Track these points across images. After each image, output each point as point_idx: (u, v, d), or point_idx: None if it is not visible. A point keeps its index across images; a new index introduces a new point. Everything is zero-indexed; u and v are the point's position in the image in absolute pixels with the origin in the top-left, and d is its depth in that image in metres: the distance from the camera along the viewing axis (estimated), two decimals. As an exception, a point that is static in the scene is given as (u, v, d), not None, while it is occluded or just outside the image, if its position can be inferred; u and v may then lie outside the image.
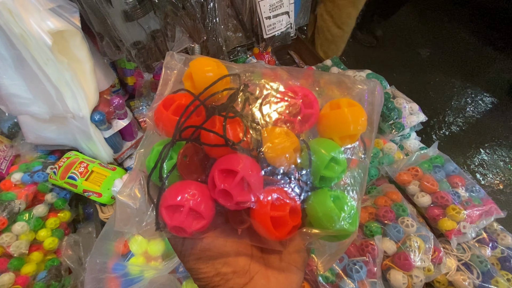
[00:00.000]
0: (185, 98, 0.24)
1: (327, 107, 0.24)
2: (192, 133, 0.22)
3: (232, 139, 0.21)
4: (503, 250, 0.61)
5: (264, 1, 0.81)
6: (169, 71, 0.26)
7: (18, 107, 0.66)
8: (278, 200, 0.20)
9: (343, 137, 0.23)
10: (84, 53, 0.64)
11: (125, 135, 0.82)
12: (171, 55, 0.26)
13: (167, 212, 0.20)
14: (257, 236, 0.22)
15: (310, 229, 0.21)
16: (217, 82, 0.23)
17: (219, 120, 0.22)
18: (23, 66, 0.59)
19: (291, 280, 0.23)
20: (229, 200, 0.20)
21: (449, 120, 1.72)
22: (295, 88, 0.25)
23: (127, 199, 0.22)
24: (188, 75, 0.25)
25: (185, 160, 0.22)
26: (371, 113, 0.24)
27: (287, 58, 1.24)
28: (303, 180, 0.22)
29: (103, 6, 0.56)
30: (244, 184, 0.20)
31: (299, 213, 0.22)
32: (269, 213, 0.20)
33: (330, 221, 0.20)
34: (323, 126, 0.24)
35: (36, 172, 0.73)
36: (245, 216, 0.22)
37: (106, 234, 0.53)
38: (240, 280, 0.21)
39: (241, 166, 0.20)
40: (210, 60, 0.25)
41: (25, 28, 0.53)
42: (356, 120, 0.23)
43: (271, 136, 0.21)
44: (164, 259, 0.53)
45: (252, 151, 0.21)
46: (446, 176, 0.68)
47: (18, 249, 0.64)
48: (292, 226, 0.21)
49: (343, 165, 0.23)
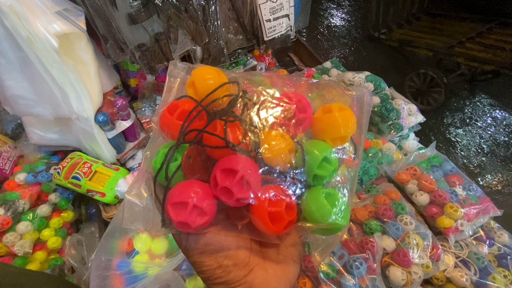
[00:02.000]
0: (188, 104, 0.25)
1: (319, 111, 0.26)
2: (195, 136, 0.24)
3: (232, 141, 0.23)
4: (500, 247, 0.62)
5: (265, 4, 0.82)
6: (172, 79, 0.28)
7: (23, 108, 0.67)
8: (275, 197, 0.22)
9: (335, 139, 0.25)
10: (89, 55, 0.65)
11: (128, 136, 0.83)
12: (174, 64, 0.28)
13: (172, 209, 0.22)
14: (256, 230, 0.24)
15: (304, 224, 0.23)
16: (218, 89, 0.25)
17: (220, 124, 0.23)
18: (28, 68, 0.60)
19: (288, 271, 0.24)
20: (230, 197, 0.21)
21: (447, 122, 1.74)
22: (290, 94, 0.27)
23: (135, 198, 0.24)
24: (190, 82, 0.26)
25: (189, 161, 0.24)
26: (360, 117, 0.26)
27: (287, 60, 1.25)
28: (297, 178, 0.23)
29: (109, 10, 0.57)
30: (244, 182, 0.21)
31: (295, 209, 0.23)
32: (266, 209, 0.22)
33: (323, 216, 0.22)
34: (316, 128, 0.26)
35: (39, 172, 0.74)
36: (245, 212, 0.23)
37: (111, 233, 0.54)
38: (240, 272, 0.23)
39: (240, 166, 0.21)
40: (211, 68, 0.26)
41: (32, 31, 0.54)
42: (346, 123, 0.24)
43: (268, 138, 0.23)
44: (167, 257, 0.54)
45: (251, 152, 0.23)
46: (444, 175, 0.69)
47: (22, 248, 0.65)
48: (288, 221, 0.23)
49: (335, 165, 0.24)
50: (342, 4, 2.31)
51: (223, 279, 0.23)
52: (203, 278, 0.24)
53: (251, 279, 0.23)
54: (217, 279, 0.23)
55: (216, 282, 0.23)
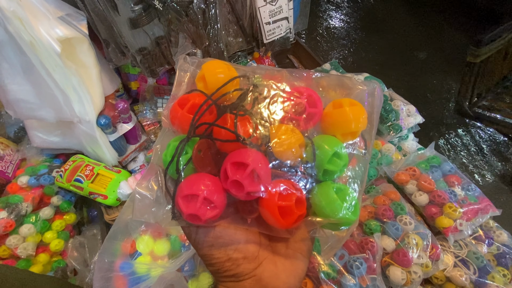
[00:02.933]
0: (199, 98, 0.25)
1: (330, 106, 0.26)
2: (206, 130, 0.24)
3: (242, 135, 0.23)
4: (499, 247, 0.62)
5: (264, 7, 0.83)
6: (182, 73, 0.28)
7: (25, 112, 0.67)
8: (285, 191, 0.22)
9: (345, 134, 0.25)
10: (91, 59, 0.66)
11: (129, 139, 0.84)
12: (184, 58, 0.28)
13: (183, 202, 0.22)
14: (265, 224, 0.24)
15: (314, 218, 0.23)
16: (228, 83, 0.25)
17: (231, 117, 0.23)
18: (31, 72, 0.61)
19: (297, 266, 0.24)
20: (241, 191, 0.22)
21: (446, 122, 1.74)
22: (300, 89, 0.26)
23: (145, 190, 0.24)
24: (201, 76, 0.26)
25: (199, 154, 0.24)
26: (371, 112, 0.26)
27: (286, 62, 1.26)
28: (308, 173, 0.24)
29: (110, 14, 0.58)
30: (254, 175, 0.21)
31: (304, 203, 0.23)
32: (276, 203, 0.22)
33: (333, 210, 0.22)
34: (326, 123, 0.26)
35: (42, 175, 0.75)
36: (255, 206, 0.23)
37: (113, 235, 0.55)
38: (249, 265, 0.23)
39: (251, 159, 0.21)
40: (221, 62, 0.27)
41: (35, 35, 0.55)
42: (357, 118, 0.24)
43: (278, 133, 0.23)
44: (170, 258, 0.55)
45: (261, 146, 0.23)
46: (442, 175, 0.69)
47: (25, 251, 0.66)
48: (297, 215, 0.23)
49: (345, 160, 0.24)
50: (341, 5, 2.32)
51: (232, 272, 0.23)
52: (212, 271, 0.24)
53: (260, 272, 0.23)
54: (226, 271, 0.23)
55: (225, 275, 0.23)
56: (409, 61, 2.03)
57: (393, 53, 2.05)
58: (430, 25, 2.24)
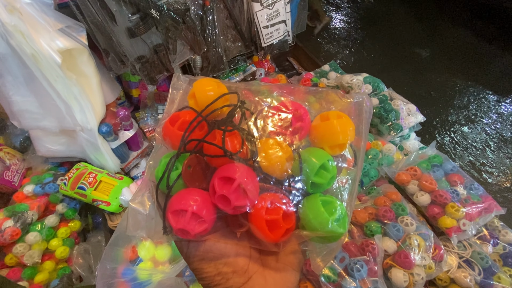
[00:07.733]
0: (189, 115, 0.26)
1: (317, 119, 0.27)
2: (195, 146, 0.25)
3: (230, 150, 0.23)
4: (505, 246, 0.61)
5: (261, 11, 0.84)
6: (175, 91, 0.29)
7: (29, 122, 0.69)
8: (272, 205, 0.22)
9: (333, 146, 0.25)
10: (91, 69, 0.68)
11: (131, 145, 0.85)
12: (177, 77, 0.29)
13: (172, 217, 0.22)
14: (254, 238, 0.24)
15: (303, 232, 0.23)
16: (217, 100, 0.26)
17: (219, 133, 0.24)
18: (34, 83, 0.62)
19: (287, 279, 0.25)
20: (228, 205, 0.22)
21: (452, 119, 1.72)
22: (287, 103, 0.27)
23: (138, 206, 0.25)
24: (191, 94, 0.27)
25: (189, 170, 0.24)
26: (358, 124, 0.26)
27: (286, 65, 1.27)
28: (295, 186, 0.24)
29: (109, 25, 0.59)
30: (241, 190, 0.22)
31: (293, 217, 0.24)
32: (264, 217, 0.22)
33: (320, 224, 0.22)
34: (314, 136, 0.26)
35: (47, 183, 0.76)
36: (244, 220, 0.24)
37: (115, 241, 0.55)
38: (239, 279, 0.23)
39: (238, 174, 0.22)
40: (211, 80, 0.27)
41: (36, 48, 0.57)
42: (344, 131, 0.25)
43: (265, 147, 0.24)
44: (171, 263, 0.55)
45: (249, 160, 0.23)
46: (444, 175, 0.68)
47: (31, 259, 0.67)
48: (285, 229, 0.23)
49: (333, 172, 0.24)
50: (341, 6, 2.32)
51: (222, 286, 0.23)
52: (203, 285, 0.25)
53: (249, 286, 0.23)
54: (216, 286, 0.23)
55: None
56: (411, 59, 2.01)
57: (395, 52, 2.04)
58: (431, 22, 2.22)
